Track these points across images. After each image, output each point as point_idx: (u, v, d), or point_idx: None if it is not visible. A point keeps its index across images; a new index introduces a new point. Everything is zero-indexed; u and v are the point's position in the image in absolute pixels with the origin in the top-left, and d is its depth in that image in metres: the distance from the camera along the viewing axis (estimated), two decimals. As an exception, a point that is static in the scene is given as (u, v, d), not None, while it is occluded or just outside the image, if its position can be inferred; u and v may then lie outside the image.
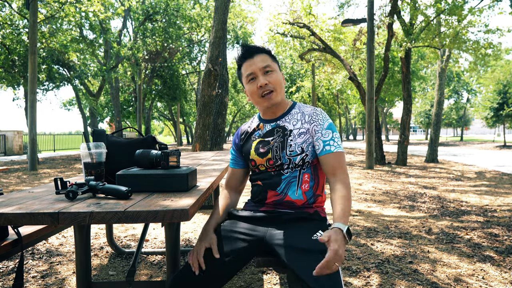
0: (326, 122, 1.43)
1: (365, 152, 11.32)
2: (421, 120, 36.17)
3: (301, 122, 1.44)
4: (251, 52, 1.45)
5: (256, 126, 1.53)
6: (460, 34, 9.43)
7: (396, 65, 16.47)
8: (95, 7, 11.44)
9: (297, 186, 1.41)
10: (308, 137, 1.41)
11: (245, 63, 1.46)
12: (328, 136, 1.40)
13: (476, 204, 4.83)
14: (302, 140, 1.41)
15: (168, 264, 1.36)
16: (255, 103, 1.48)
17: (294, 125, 1.44)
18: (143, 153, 1.37)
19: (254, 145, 1.48)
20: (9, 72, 13.34)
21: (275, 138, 1.45)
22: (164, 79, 20.57)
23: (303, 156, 1.40)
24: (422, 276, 2.35)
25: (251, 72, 1.43)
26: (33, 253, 2.84)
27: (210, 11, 17.55)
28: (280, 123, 1.47)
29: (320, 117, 1.44)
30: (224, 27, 4.94)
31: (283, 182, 1.41)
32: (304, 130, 1.42)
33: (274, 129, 1.47)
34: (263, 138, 1.48)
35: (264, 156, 1.44)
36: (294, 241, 1.29)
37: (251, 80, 1.44)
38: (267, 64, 1.43)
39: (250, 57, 1.44)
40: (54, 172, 9.42)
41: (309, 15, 11.58)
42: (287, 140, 1.42)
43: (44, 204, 1.12)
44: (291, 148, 1.40)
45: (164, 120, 39.74)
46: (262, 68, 1.42)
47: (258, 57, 1.44)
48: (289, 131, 1.43)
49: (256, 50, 1.46)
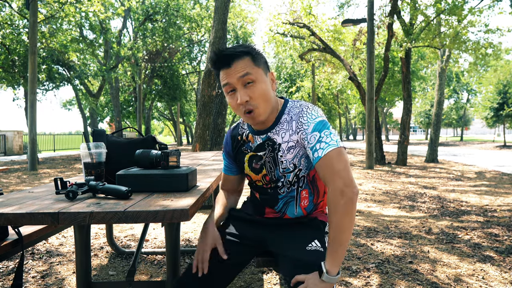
0: (312, 124, 1.20)
1: (365, 152, 11.32)
2: (421, 120, 36.17)
3: (288, 133, 1.25)
4: (227, 60, 1.20)
5: (246, 137, 1.36)
6: (460, 34, 9.43)
7: (396, 65, 16.47)
8: (95, 7, 11.44)
9: (296, 205, 1.32)
10: (298, 150, 1.25)
11: (222, 71, 1.23)
12: (314, 139, 1.17)
13: (476, 204, 4.83)
14: (293, 155, 1.26)
15: (168, 264, 1.36)
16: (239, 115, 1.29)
17: (282, 138, 1.26)
18: (143, 153, 1.37)
19: (247, 160, 1.36)
20: (9, 72, 13.34)
21: (266, 153, 1.30)
22: (164, 79, 20.57)
23: (296, 172, 1.27)
24: (422, 276, 2.35)
25: (227, 82, 1.21)
26: (33, 253, 2.84)
27: (210, 11, 17.55)
28: (271, 135, 1.29)
29: (305, 120, 1.22)
30: (224, 27, 4.94)
31: (280, 202, 1.33)
32: (293, 144, 1.25)
33: (265, 142, 1.30)
34: (254, 152, 1.33)
35: (259, 173, 1.33)
36: (289, 250, 1.27)
37: (230, 92, 1.23)
38: (245, 73, 1.18)
39: (227, 66, 1.20)
40: (54, 172, 9.42)
41: (309, 15, 11.58)
42: (277, 156, 1.27)
43: (44, 204, 1.12)
44: (283, 165, 1.27)
45: (164, 120, 39.73)
46: (240, 78, 1.19)
47: (237, 64, 1.19)
48: (278, 145, 1.27)
49: (234, 56, 1.19)
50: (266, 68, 1.27)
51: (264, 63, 1.26)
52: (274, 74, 1.31)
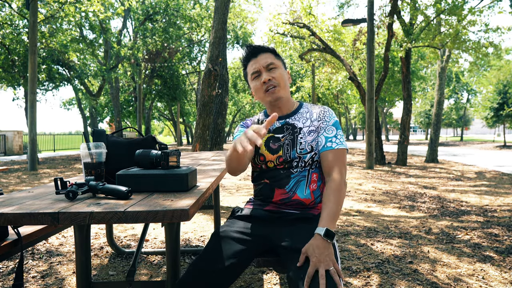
0: (333, 119, 1.45)
1: (365, 152, 11.32)
2: (421, 120, 36.17)
3: (310, 120, 1.46)
4: (255, 51, 1.48)
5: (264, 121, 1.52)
6: (460, 34, 9.43)
7: (396, 65, 16.47)
8: (95, 7, 11.44)
9: (306, 185, 1.41)
10: (317, 135, 1.44)
11: (250, 62, 1.49)
12: (331, 132, 1.42)
13: (476, 204, 4.83)
14: (312, 138, 1.42)
15: (168, 264, 1.36)
16: (260, 99, 1.49)
17: (303, 123, 1.45)
18: (143, 153, 1.37)
19: (265, 140, 1.47)
20: (9, 72, 13.34)
21: (286, 135, 1.45)
22: (164, 79, 20.56)
23: (312, 155, 1.41)
24: (422, 276, 2.35)
25: (255, 70, 1.46)
26: (33, 253, 2.84)
27: (210, 11, 17.54)
28: (290, 121, 1.47)
29: (328, 114, 1.47)
30: (224, 27, 4.93)
31: (292, 181, 1.41)
32: (314, 128, 1.44)
33: (284, 126, 1.47)
34: (273, 134, 1.47)
35: (275, 153, 1.44)
36: (294, 242, 1.29)
37: (255, 77, 1.47)
38: (270, 62, 1.45)
39: (254, 57, 1.48)
40: (54, 172, 9.42)
41: (309, 15, 11.58)
42: (297, 137, 1.43)
43: (44, 204, 1.12)
44: (301, 146, 1.41)
45: (164, 120, 39.74)
46: (265, 65, 1.44)
47: (262, 55, 1.47)
48: (299, 129, 1.44)
49: (260, 49, 1.48)
50: (284, 65, 1.54)
51: (283, 62, 1.53)
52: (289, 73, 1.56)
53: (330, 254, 1.18)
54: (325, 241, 1.19)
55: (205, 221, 3.92)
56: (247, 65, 1.51)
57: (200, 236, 3.32)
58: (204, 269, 1.27)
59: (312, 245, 1.19)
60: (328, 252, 1.18)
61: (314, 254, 1.16)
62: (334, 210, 1.28)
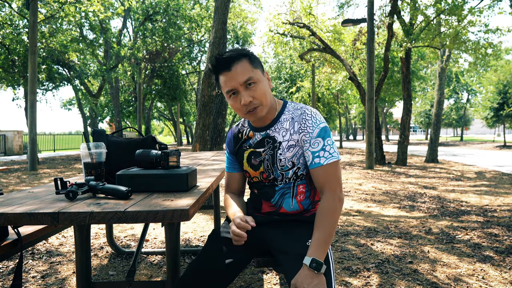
0: (316, 129, 1.28)
1: (365, 152, 11.32)
2: (421, 120, 36.16)
3: (289, 133, 1.31)
4: (228, 63, 1.25)
5: (246, 134, 1.42)
6: (460, 34, 9.43)
7: (396, 65, 16.47)
8: (95, 7, 11.44)
9: (292, 197, 1.35)
10: (298, 149, 1.31)
11: (221, 75, 1.28)
12: (317, 146, 1.27)
13: (476, 204, 4.83)
14: (292, 153, 1.31)
15: (168, 264, 1.36)
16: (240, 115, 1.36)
17: (283, 136, 1.32)
18: (143, 153, 1.37)
19: (246, 156, 1.41)
20: (9, 72, 13.33)
21: (266, 150, 1.35)
22: (164, 79, 20.55)
23: (295, 170, 1.32)
24: (422, 276, 2.35)
25: (231, 88, 1.26)
26: (33, 253, 2.84)
27: (210, 11, 17.54)
28: (270, 132, 1.35)
29: (309, 123, 1.29)
30: (224, 27, 4.93)
31: (277, 194, 1.36)
32: (293, 143, 1.31)
33: (264, 139, 1.36)
34: (254, 148, 1.38)
35: (257, 169, 1.38)
36: (288, 245, 1.28)
37: (232, 95, 1.29)
38: (248, 77, 1.25)
39: (228, 69, 1.25)
40: (54, 172, 9.42)
41: (309, 15, 11.58)
42: (276, 153, 1.32)
43: (44, 204, 1.12)
44: (281, 162, 1.32)
45: (164, 120, 39.73)
46: (243, 82, 1.25)
47: (237, 66, 1.25)
48: (278, 143, 1.32)
49: (233, 59, 1.25)
50: (262, 68, 1.33)
51: (260, 64, 1.32)
52: (268, 74, 1.38)
53: (320, 284, 1.11)
54: (312, 272, 1.12)
55: (205, 221, 3.93)
56: (219, 77, 1.29)
57: (200, 236, 3.32)
58: (203, 268, 1.27)
59: (300, 276, 1.13)
60: (318, 281, 1.11)
61: (302, 285, 1.11)
62: (324, 236, 1.18)
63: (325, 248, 1.17)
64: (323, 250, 1.16)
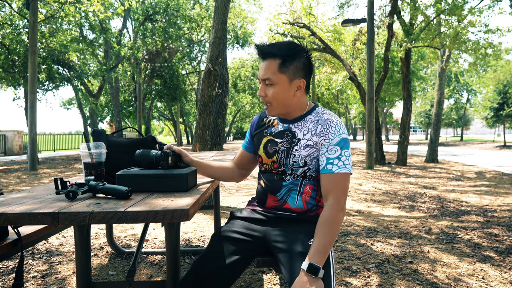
0: (337, 137, 1.30)
1: (365, 152, 11.32)
2: (421, 120, 36.17)
3: (311, 133, 1.34)
4: (263, 54, 1.33)
5: (271, 121, 1.47)
6: (460, 34, 9.43)
7: (396, 65, 16.47)
8: (95, 7, 11.44)
9: (297, 194, 1.36)
10: (314, 151, 1.33)
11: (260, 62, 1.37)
12: (334, 153, 1.28)
13: (476, 204, 4.83)
14: (307, 153, 1.33)
15: (168, 264, 1.36)
16: None
17: (304, 135, 1.36)
18: (143, 153, 1.37)
19: (264, 142, 1.44)
20: (9, 72, 13.33)
21: (283, 142, 1.38)
22: (164, 79, 20.55)
23: (305, 170, 1.35)
24: (422, 276, 2.35)
25: (258, 76, 1.36)
26: (33, 253, 2.84)
27: (210, 11, 17.54)
28: (292, 127, 1.39)
29: (332, 130, 1.31)
30: (224, 27, 4.93)
31: (283, 188, 1.37)
32: (312, 143, 1.33)
33: (285, 131, 1.39)
34: (273, 137, 1.42)
35: (271, 157, 1.41)
36: (290, 244, 1.28)
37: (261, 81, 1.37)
38: (267, 77, 1.31)
39: (262, 59, 1.34)
40: (54, 172, 9.42)
41: (309, 15, 11.58)
42: (292, 148, 1.35)
43: (44, 204, 1.12)
44: (294, 158, 1.34)
45: (164, 120, 39.73)
46: (263, 78, 1.33)
47: (267, 63, 1.31)
48: (297, 140, 1.36)
49: (268, 54, 1.31)
50: (295, 74, 1.31)
51: (293, 69, 1.30)
52: (304, 82, 1.34)
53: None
54: (310, 276, 1.13)
55: (205, 221, 3.93)
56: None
57: (200, 236, 3.32)
58: (205, 269, 1.27)
59: (298, 282, 1.14)
60: (315, 286, 1.12)
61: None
62: (324, 243, 1.19)
63: (324, 255, 1.18)
64: (322, 257, 1.18)
